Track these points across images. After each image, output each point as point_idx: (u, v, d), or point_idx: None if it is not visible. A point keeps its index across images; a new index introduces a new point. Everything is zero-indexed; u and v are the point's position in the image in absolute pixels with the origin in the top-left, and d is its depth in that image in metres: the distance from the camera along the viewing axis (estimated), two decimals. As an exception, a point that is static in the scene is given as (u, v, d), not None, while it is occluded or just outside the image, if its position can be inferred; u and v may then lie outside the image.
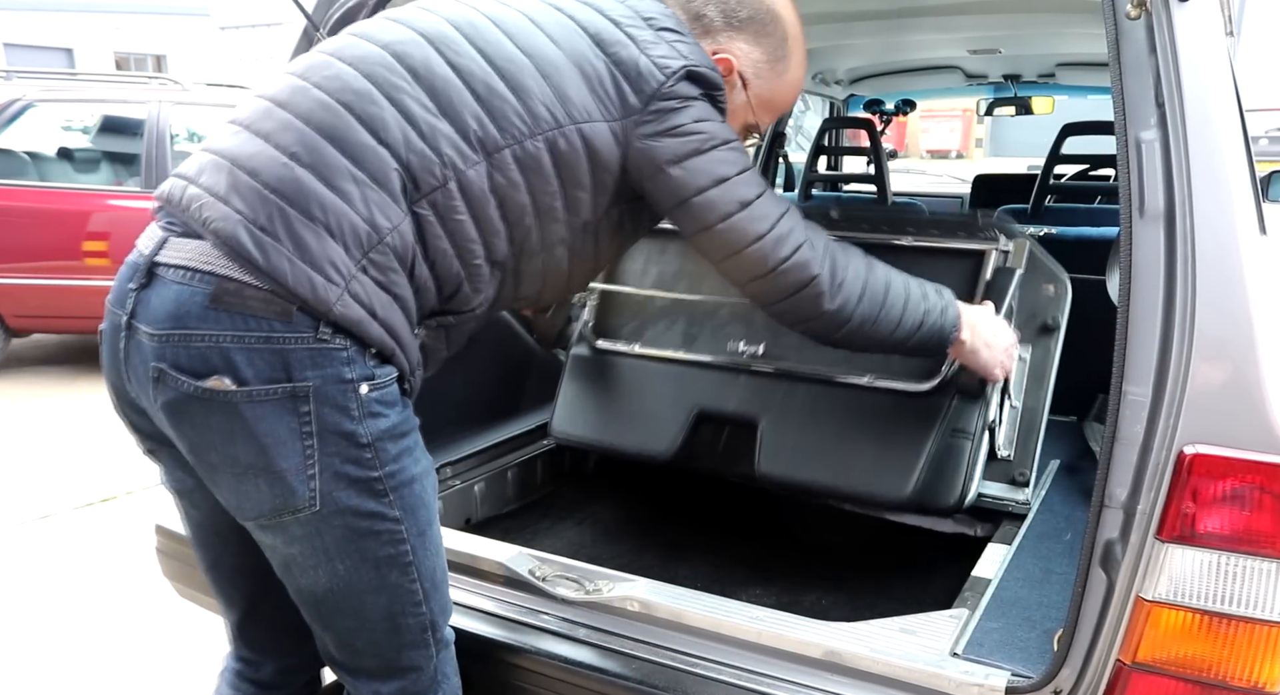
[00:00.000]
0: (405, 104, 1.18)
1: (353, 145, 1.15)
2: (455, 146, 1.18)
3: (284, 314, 1.10)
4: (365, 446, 1.17)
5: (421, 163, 1.16)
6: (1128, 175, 1.22)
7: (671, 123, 1.27)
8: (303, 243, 1.11)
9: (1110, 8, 1.24)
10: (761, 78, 1.43)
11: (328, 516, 1.18)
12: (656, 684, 1.45)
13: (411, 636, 1.30)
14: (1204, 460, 1.14)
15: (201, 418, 1.13)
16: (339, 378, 1.13)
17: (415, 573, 1.27)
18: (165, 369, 1.12)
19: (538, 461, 2.47)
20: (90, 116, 6.58)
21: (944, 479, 1.81)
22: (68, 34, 22.23)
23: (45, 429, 4.82)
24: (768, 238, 1.30)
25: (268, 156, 1.14)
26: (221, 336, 1.10)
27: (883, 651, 1.40)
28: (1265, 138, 7.18)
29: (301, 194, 1.12)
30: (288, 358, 1.11)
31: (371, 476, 1.18)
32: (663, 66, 1.27)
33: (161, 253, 1.15)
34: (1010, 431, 1.97)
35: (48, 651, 2.73)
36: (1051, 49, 3.14)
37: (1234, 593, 1.16)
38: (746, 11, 1.39)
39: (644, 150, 1.27)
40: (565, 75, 1.24)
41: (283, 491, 1.15)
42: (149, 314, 1.14)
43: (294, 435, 1.13)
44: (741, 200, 1.29)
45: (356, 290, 1.13)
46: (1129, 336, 1.20)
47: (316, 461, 1.14)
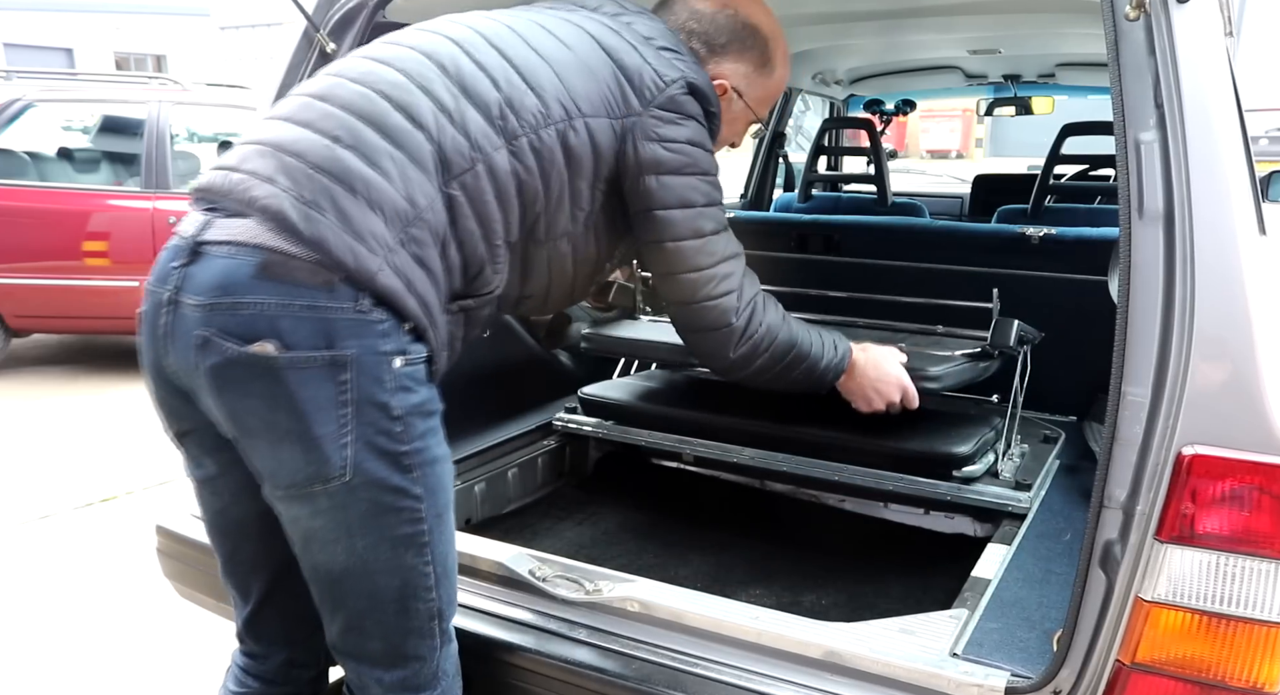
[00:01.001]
0: (437, 93, 1.27)
1: (390, 128, 1.23)
2: (482, 132, 1.27)
3: (328, 284, 1.16)
4: (397, 419, 1.21)
5: (453, 145, 1.25)
6: (1127, 176, 1.22)
7: (665, 132, 1.39)
8: (346, 216, 1.17)
9: (1109, 9, 1.24)
10: (753, 85, 1.58)
11: (356, 488, 1.21)
12: (656, 684, 1.45)
13: (419, 622, 1.32)
14: (1203, 461, 1.14)
15: (245, 382, 1.17)
16: (376, 349, 1.19)
17: (430, 555, 1.29)
18: (211, 335, 1.16)
19: (538, 461, 2.47)
20: (90, 116, 6.59)
21: None
22: (68, 34, 22.24)
23: (45, 429, 4.82)
24: (704, 272, 1.44)
25: (311, 140, 1.22)
26: (268, 304, 1.15)
27: (882, 652, 1.40)
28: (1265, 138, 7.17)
29: (345, 172, 1.19)
30: (330, 326, 1.16)
31: (400, 450, 1.22)
32: (663, 75, 1.39)
33: (206, 232, 1.20)
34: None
35: (48, 651, 2.74)
36: (1051, 49, 3.15)
37: (1233, 593, 1.16)
38: (725, 36, 1.53)
39: (635, 150, 1.38)
40: (575, 75, 1.35)
41: (317, 459, 1.19)
42: (195, 287, 1.18)
43: (332, 403, 1.17)
44: (697, 231, 1.43)
45: (395, 263, 1.19)
46: (1128, 337, 1.20)
47: (351, 430, 1.18)
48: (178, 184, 5.64)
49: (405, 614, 1.31)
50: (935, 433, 2.03)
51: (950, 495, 2.00)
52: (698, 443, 2.27)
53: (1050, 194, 4.39)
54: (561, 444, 2.54)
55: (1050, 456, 2.24)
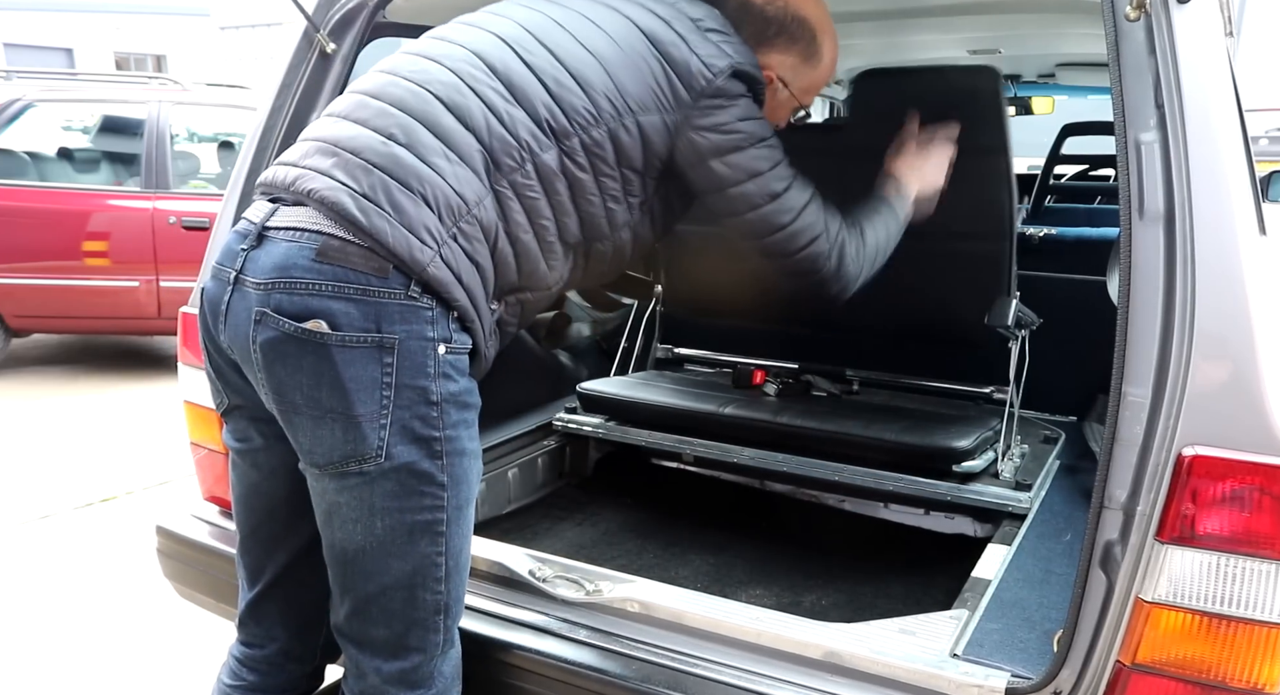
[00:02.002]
0: (486, 94, 1.32)
1: (442, 128, 1.29)
2: (530, 132, 1.32)
3: (381, 270, 1.22)
4: (434, 404, 1.26)
5: (502, 146, 1.30)
6: (1127, 177, 1.22)
7: (717, 119, 1.41)
8: (402, 209, 1.23)
9: (1110, 9, 1.24)
10: (799, 75, 1.61)
11: (387, 470, 1.25)
12: (657, 684, 1.45)
13: (424, 614, 1.34)
14: (1203, 462, 1.14)
15: (295, 358, 1.22)
16: (422, 335, 1.24)
17: (444, 546, 1.32)
18: (268, 311, 1.22)
19: (538, 461, 2.47)
20: (90, 116, 6.58)
21: None
22: (68, 34, 22.22)
23: (45, 429, 4.82)
24: (789, 229, 1.49)
25: (367, 137, 1.28)
26: (323, 285, 1.21)
27: (882, 652, 1.40)
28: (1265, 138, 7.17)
29: (400, 168, 1.25)
30: (380, 310, 1.22)
31: (433, 435, 1.26)
32: (710, 65, 1.40)
33: (272, 219, 1.28)
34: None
35: (48, 651, 2.74)
36: (1051, 49, 3.14)
37: (1233, 594, 1.16)
38: (774, 28, 1.56)
39: (691, 142, 1.42)
40: (624, 71, 1.38)
41: (355, 438, 1.23)
42: (257, 268, 1.25)
43: (375, 384, 1.22)
44: (771, 193, 1.47)
45: (447, 255, 1.25)
46: (1129, 338, 1.20)
47: (390, 412, 1.23)
48: (178, 184, 5.64)
49: (412, 603, 1.33)
50: (935, 429, 2.03)
51: (950, 495, 2.00)
52: (697, 442, 2.27)
53: (1050, 194, 4.39)
54: (561, 444, 2.54)
55: (1050, 457, 2.24)
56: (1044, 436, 2.37)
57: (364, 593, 1.32)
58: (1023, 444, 2.22)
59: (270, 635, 1.51)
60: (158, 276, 5.47)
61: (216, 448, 1.88)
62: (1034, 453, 2.24)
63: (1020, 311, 2.07)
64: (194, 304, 1.80)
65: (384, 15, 1.90)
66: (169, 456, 4.20)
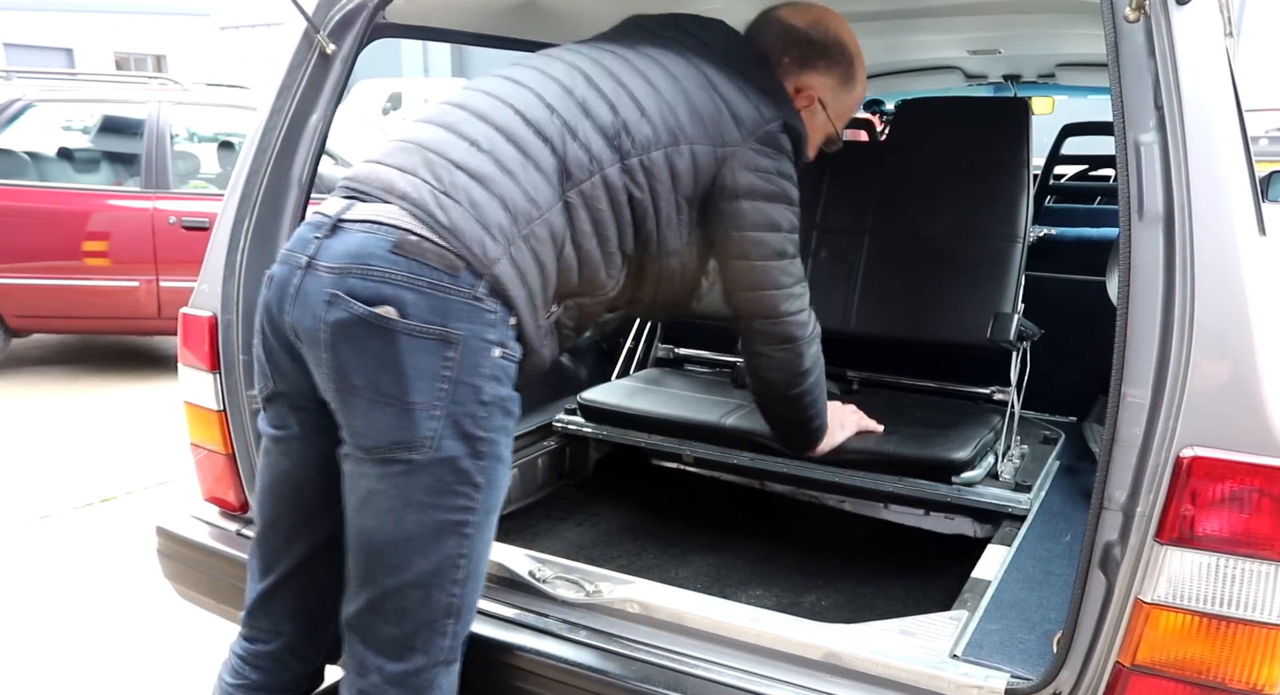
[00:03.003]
0: (562, 111, 1.43)
1: (520, 139, 1.39)
2: (600, 149, 1.42)
3: (452, 268, 1.28)
4: (485, 404, 1.30)
5: (575, 158, 1.40)
6: (1127, 178, 1.22)
7: (761, 164, 1.54)
8: (478, 206, 1.31)
9: (1109, 11, 1.24)
10: (836, 98, 1.72)
11: (431, 463, 1.28)
12: (656, 685, 1.45)
13: (436, 615, 1.35)
14: (1203, 463, 1.14)
15: (362, 340, 1.27)
16: (483, 336, 1.30)
17: (467, 549, 1.33)
18: (341, 294, 1.27)
19: (538, 462, 2.47)
20: (90, 116, 6.58)
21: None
22: (68, 34, 22.23)
23: (45, 429, 4.82)
24: (785, 290, 1.62)
25: (452, 141, 1.38)
26: (397, 275, 1.26)
27: (882, 653, 1.40)
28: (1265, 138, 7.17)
29: (480, 170, 1.34)
30: (447, 305, 1.27)
31: (479, 435, 1.30)
32: (764, 113, 1.54)
33: (348, 212, 1.33)
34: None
35: (48, 651, 2.74)
36: (1051, 49, 3.14)
37: (1233, 595, 1.16)
38: (817, 50, 1.68)
39: (733, 176, 1.53)
40: (683, 106, 1.49)
41: (408, 425, 1.27)
42: (331, 254, 1.30)
43: (434, 375, 1.26)
44: (780, 251, 1.60)
45: (515, 254, 1.32)
46: (1128, 339, 1.20)
47: (444, 405, 1.27)
48: (178, 184, 5.64)
49: (427, 603, 1.34)
50: (934, 438, 2.03)
51: (950, 496, 2.00)
52: (698, 445, 2.28)
53: (1050, 194, 4.39)
54: (562, 445, 2.54)
55: (1050, 457, 2.24)
56: (1043, 437, 2.37)
57: (383, 587, 1.33)
58: (1022, 444, 2.22)
59: (278, 630, 1.51)
60: (158, 276, 5.47)
61: (216, 448, 1.88)
62: (1034, 453, 2.24)
63: (1022, 325, 2.10)
64: (197, 305, 1.86)
65: (384, 16, 1.89)
66: (169, 456, 4.20)
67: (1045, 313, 2.25)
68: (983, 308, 2.19)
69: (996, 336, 2.12)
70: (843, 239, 2.46)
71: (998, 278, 2.22)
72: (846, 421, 2.00)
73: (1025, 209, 2.26)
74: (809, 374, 1.71)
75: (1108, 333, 1.23)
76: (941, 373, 2.47)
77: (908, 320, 2.31)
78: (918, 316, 2.30)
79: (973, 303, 2.21)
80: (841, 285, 2.43)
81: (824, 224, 2.50)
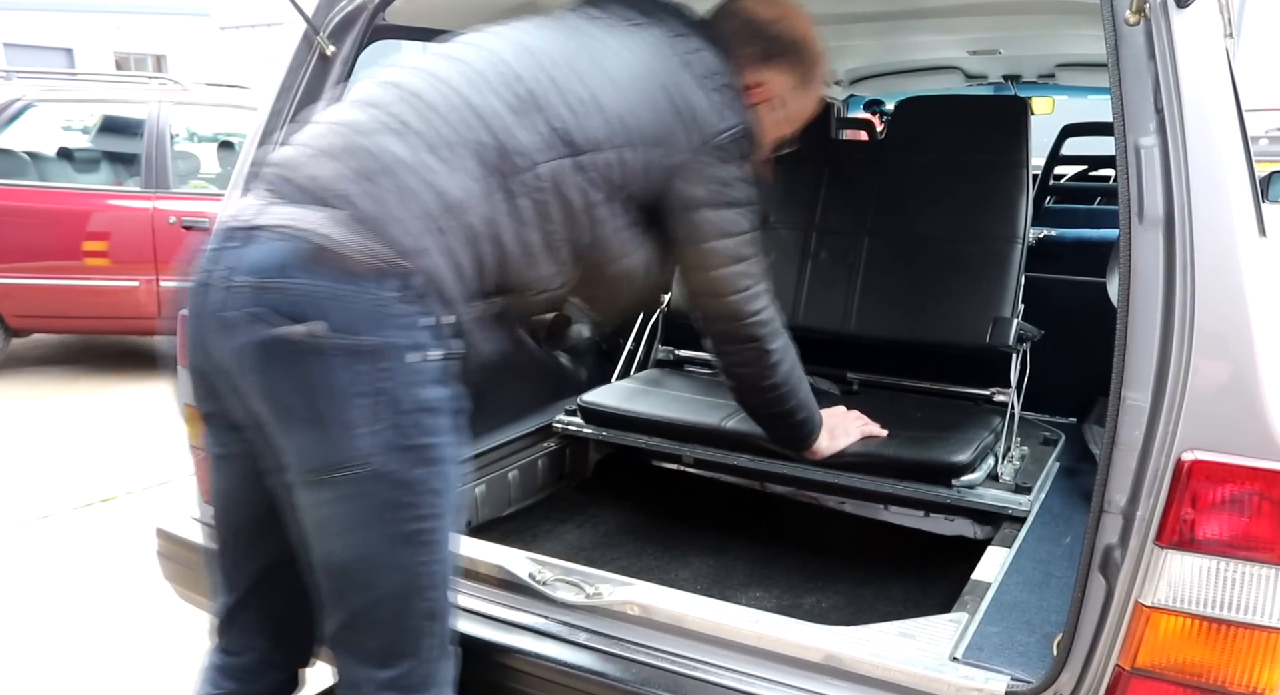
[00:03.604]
0: (505, 96, 1.33)
1: (455, 122, 1.29)
2: (543, 140, 1.33)
3: (375, 272, 1.20)
4: (426, 410, 1.25)
5: (513, 147, 1.31)
6: (1127, 180, 1.22)
7: (717, 173, 1.49)
8: (406, 200, 1.23)
9: (1109, 13, 1.24)
10: (795, 98, 1.67)
11: (375, 478, 1.23)
12: (656, 688, 1.45)
13: (415, 621, 1.33)
14: (1203, 466, 1.14)
15: (285, 361, 1.21)
16: (415, 340, 1.23)
17: (433, 554, 1.30)
18: (261, 312, 1.20)
19: (538, 463, 2.47)
20: (90, 116, 6.58)
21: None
22: (68, 34, 22.20)
23: (45, 429, 4.82)
24: (746, 293, 1.59)
25: (381, 125, 1.28)
26: (318, 288, 1.19)
27: (882, 655, 1.40)
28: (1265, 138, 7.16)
29: (409, 159, 1.25)
30: (375, 314, 1.20)
31: (423, 442, 1.25)
32: (722, 117, 1.48)
33: (261, 218, 1.25)
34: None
35: (48, 651, 2.74)
36: (1051, 50, 3.14)
37: (1233, 598, 1.16)
38: (779, 46, 1.62)
39: (687, 187, 1.48)
40: (641, 104, 1.42)
41: (343, 443, 1.21)
42: (248, 267, 1.22)
43: (362, 390, 1.20)
44: (737, 256, 1.56)
45: (445, 249, 1.25)
46: (1128, 341, 1.20)
47: (379, 418, 1.21)
48: (178, 184, 5.64)
49: (404, 612, 1.32)
50: (934, 440, 2.03)
51: (950, 498, 2.00)
52: (698, 447, 2.27)
53: (1050, 195, 4.38)
54: (561, 446, 2.54)
55: (1050, 459, 2.24)
56: (1044, 438, 2.37)
57: (357, 605, 1.31)
58: (1022, 446, 2.22)
59: (250, 643, 1.50)
60: (158, 276, 5.47)
61: (216, 450, 1.88)
62: (1034, 455, 2.24)
63: (1022, 328, 2.11)
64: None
65: (384, 18, 1.89)
66: (169, 456, 4.20)
67: (1045, 314, 2.25)
68: (982, 309, 2.19)
69: (996, 341, 2.13)
70: (842, 240, 2.46)
71: (997, 279, 2.22)
72: (850, 428, 1.98)
73: (1025, 210, 2.25)
74: (779, 366, 1.68)
75: (1108, 334, 1.23)
76: (941, 374, 2.47)
77: (907, 321, 2.31)
78: (917, 318, 2.30)
79: (972, 304, 2.21)
80: (841, 286, 2.43)
81: (823, 225, 2.50)
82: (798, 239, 2.51)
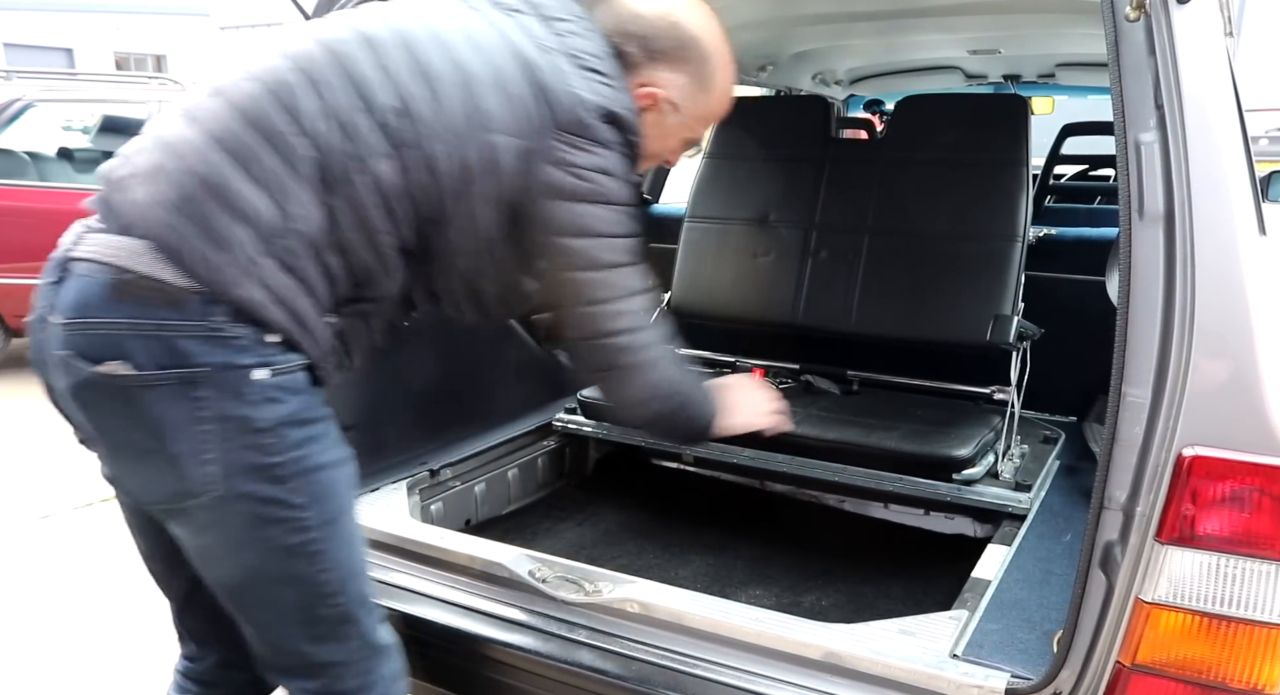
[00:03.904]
0: (331, 97, 1.23)
1: (274, 132, 1.20)
2: (375, 138, 1.23)
3: (180, 303, 1.15)
4: (264, 431, 1.20)
5: (341, 150, 1.21)
6: (1127, 177, 1.22)
7: (574, 160, 1.31)
8: (215, 226, 1.16)
9: (1109, 10, 1.24)
10: (692, 99, 1.46)
11: (230, 502, 1.20)
12: (656, 685, 1.45)
13: (326, 629, 1.31)
14: (1203, 462, 1.14)
15: (102, 402, 1.19)
16: (233, 364, 1.17)
17: (325, 563, 1.27)
18: (68, 356, 1.18)
19: (538, 462, 2.47)
20: (90, 116, 6.57)
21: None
22: (68, 34, 22.22)
23: (45, 429, 4.81)
24: (607, 307, 1.36)
25: (197, 144, 1.19)
26: (118, 324, 1.15)
27: (882, 653, 1.40)
28: (1265, 138, 7.16)
29: (220, 182, 1.17)
30: (180, 345, 1.16)
31: (271, 462, 1.21)
32: (582, 100, 1.31)
33: (76, 248, 1.21)
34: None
35: (48, 651, 2.74)
36: (1051, 49, 3.14)
37: (1233, 594, 1.16)
38: (664, 43, 1.42)
39: (539, 174, 1.30)
40: (489, 89, 1.28)
41: (179, 476, 1.19)
42: (60, 306, 1.19)
43: (189, 420, 1.17)
44: (595, 262, 1.34)
45: (258, 275, 1.18)
46: (1128, 338, 1.20)
47: (213, 446, 1.18)
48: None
49: (311, 622, 1.30)
50: (935, 436, 2.03)
51: (950, 496, 2.00)
52: None
53: (1050, 194, 4.39)
54: (561, 444, 2.54)
55: (1050, 457, 2.24)
56: (1044, 437, 2.37)
57: (260, 621, 1.31)
58: (1022, 444, 2.22)
59: (204, 649, 1.51)
60: (158, 276, 5.47)
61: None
62: (1034, 453, 2.24)
63: (1022, 326, 2.11)
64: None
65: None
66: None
67: (1045, 312, 2.25)
68: (983, 308, 2.19)
69: (996, 339, 2.13)
70: (843, 238, 2.46)
71: (998, 277, 2.22)
72: (756, 406, 1.65)
73: (1025, 208, 2.26)
74: (651, 402, 1.43)
75: (1108, 332, 1.23)
76: (941, 372, 2.47)
77: (908, 319, 2.32)
78: (918, 316, 2.30)
79: (973, 303, 2.21)
80: (841, 284, 2.43)
81: (824, 223, 2.50)
82: (798, 237, 2.51)
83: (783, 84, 3.44)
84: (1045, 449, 2.29)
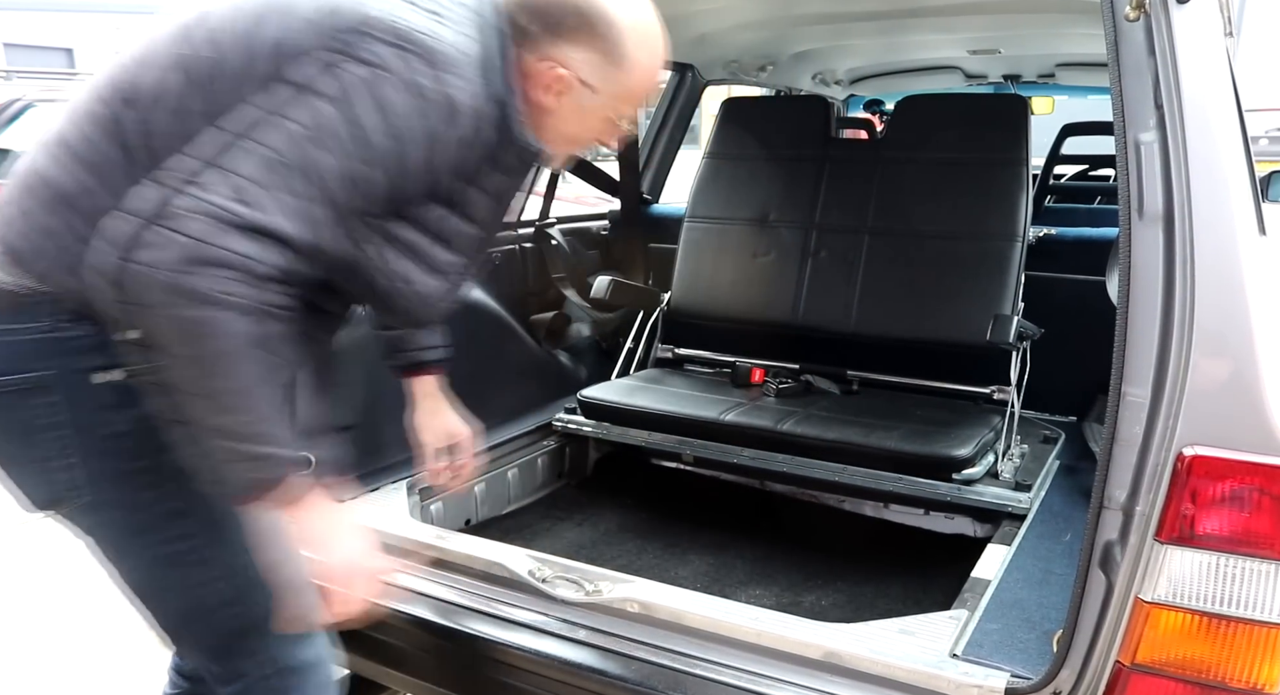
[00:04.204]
0: (157, 92, 1.13)
1: (101, 127, 1.14)
2: (192, 132, 1.10)
3: (21, 307, 1.12)
4: (124, 434, 1.16)
5: (162, 143, 1.10)
6: (1127, 177, 1.22)
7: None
8: (40, 227, 1.12)
9: (1109, 10, 1.24)
10: (606, 77, 1.32)
11: (101, 509, 1.19)
12: (656, 685, 1.45)
13: (228, 639, 1.28)
14: (1203, 462, 1.14)
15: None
16: (81, 366, 1.14)
17: (214, 571, 1.24)
18: None
19: (538, 462, 2.47)
20: (90, 116, 6.56)
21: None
22: (68, 34, 22.22)
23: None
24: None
25: (43, 152, 1.17)
26: None
27: (882, 652, 1.40)
28: (1265, 138, 7.16)
29: (45, 180, 1.14)
30: (24, 349, 1.13)
31: (136, 466, 1.17)
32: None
33: None
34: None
35: (48, 651, 2.74)
36: (1051, 49, 3.14)
37: (1233, 594, 1.16)
38: (566, 18, 1.29)
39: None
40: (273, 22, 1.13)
41: (47, 482, 1.17)
42: None
43: (43, 426, 1.14)
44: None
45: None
46: (1128, 338, 1.20)
47: (73, 451, 1.15)
48: (178, 184, 5.64)
49: (211, 631, 1.28)
50: (935, 436, 2.04)
51: (950, 496, 2.00)
52: (697, 443, 2.28)
53: (1050, 194, 4.39)
54: (561, 444, 2.54)
55: (1050, 457, 2.24)
56: (1043, 436, 2.37)
57: (168, 627, 1.30)
58: (1022, 444, 2.22)
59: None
60: (158, 277, 5.47)
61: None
62: (1033, 453, 2.24)
63: (1022, 326, 2.11)
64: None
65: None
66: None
67: (1045, 312, 2.25)
68: (983, 307, 2.20)
69: (996, 338, 2.14)
70: (843, 238, 2.46)
71: (998, 277, 2.22)
72: (357, 572, 1.20)
73: (1025, 207, 2.26)
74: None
75: (1108, 332, 1.23)
76: (941, 372, 2.47)
77: (908, 319, 2.32)
78: (918, 315, 2.31)
79: (973, 302, 2.22)
80: (841, 284, 2.43)
81: (824, 223, 2.50)
82: (798, 237, 2.52)
83: (783, 84, 3.45)
84: (1045, 449, 2.29)
